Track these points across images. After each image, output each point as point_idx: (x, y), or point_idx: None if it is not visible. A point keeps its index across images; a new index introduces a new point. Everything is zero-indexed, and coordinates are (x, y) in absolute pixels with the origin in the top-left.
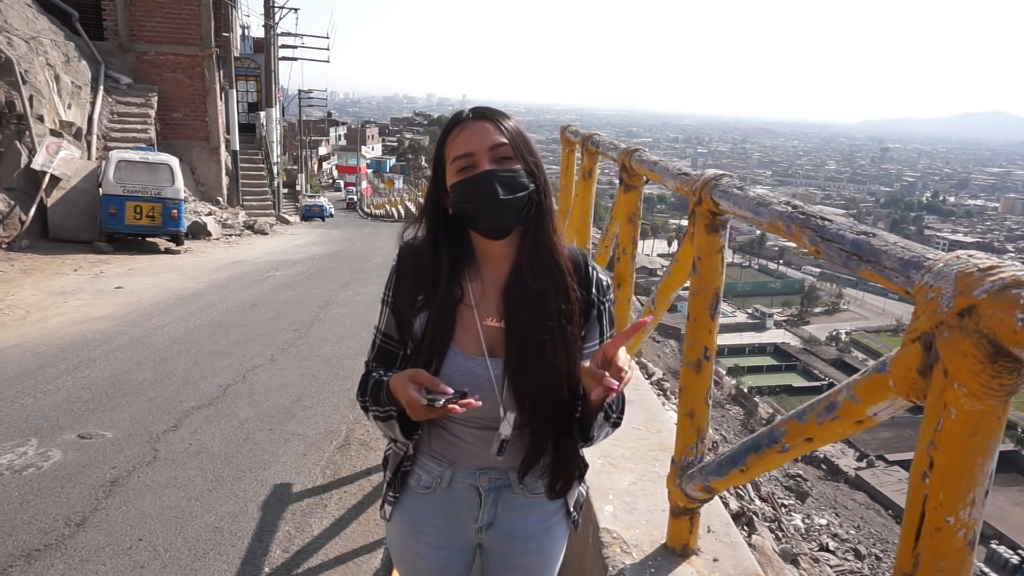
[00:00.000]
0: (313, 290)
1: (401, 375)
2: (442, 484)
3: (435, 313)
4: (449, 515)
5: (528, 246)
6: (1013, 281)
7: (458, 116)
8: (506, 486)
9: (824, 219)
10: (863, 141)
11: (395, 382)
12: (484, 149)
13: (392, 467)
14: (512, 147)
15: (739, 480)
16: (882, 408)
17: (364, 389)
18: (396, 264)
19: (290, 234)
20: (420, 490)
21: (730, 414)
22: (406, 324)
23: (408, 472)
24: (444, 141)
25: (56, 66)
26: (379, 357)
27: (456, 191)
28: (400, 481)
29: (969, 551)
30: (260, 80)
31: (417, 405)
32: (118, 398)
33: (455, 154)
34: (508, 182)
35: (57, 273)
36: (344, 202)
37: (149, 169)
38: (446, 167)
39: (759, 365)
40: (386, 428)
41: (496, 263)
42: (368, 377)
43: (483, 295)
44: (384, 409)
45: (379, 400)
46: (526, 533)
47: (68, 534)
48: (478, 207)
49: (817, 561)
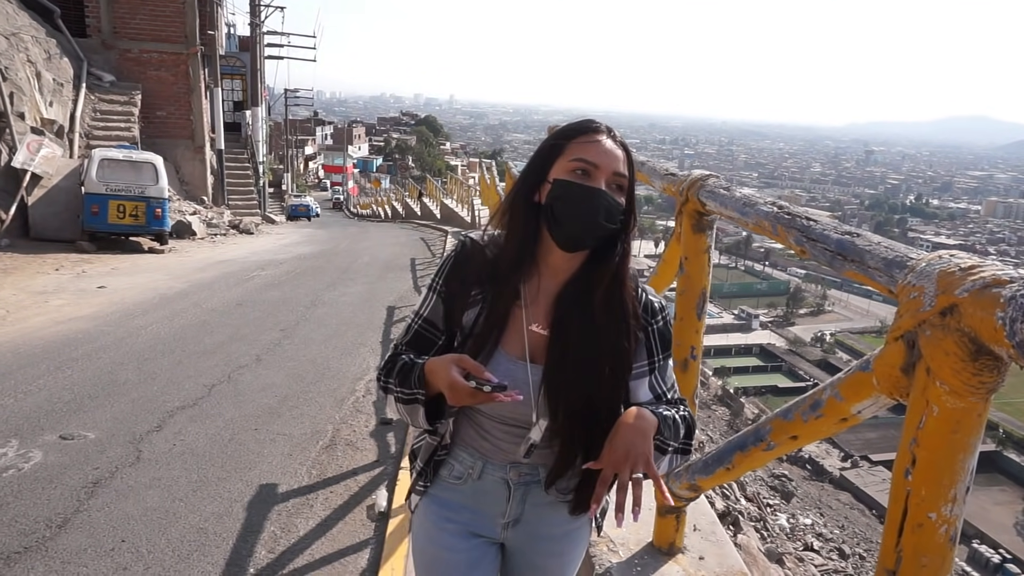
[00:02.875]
0: (299, 290)
1: (442, 359)
2: (473, 475)
3: (492, 310)
4: (478, 507)
5: (605, 275)
6: (993, 280)
7: (595, 125)
8: (536, 482)
9: (809, 219)
10: (848, 144)
11: (434, 365)
12: (609, 171)
13: (424, 456)
14: (628, 181)
15: (725, 478)
16: (866, 406)
17: (390, 369)
18: (456, 253)
19: (276, 234)
20: (452, 480)
21: (716, 414)
22: (454, 315)
23: (442, 462)
24: (571, 137)
25: (37, 63)
26: (414, 342)
27: (561, 188)
28: (433, 470)
29: (951, 547)
30: (246, 79)
31: (462, 388)
32: (100, 398)
33: (581, 156)
34: (610, 210)
35: (38, 272)
36: (330, 202)
37: (133, 168)
38: (558, 158)
39: (745, 366)
40: (406, 411)
41: (553, 272)
42: (396, 358)
43: (534, 300)
44: (411, 392)
45: (408, 382)
46: (550, 534)
47: (49, 536)
48: (574, 214)
49: (802, 560)
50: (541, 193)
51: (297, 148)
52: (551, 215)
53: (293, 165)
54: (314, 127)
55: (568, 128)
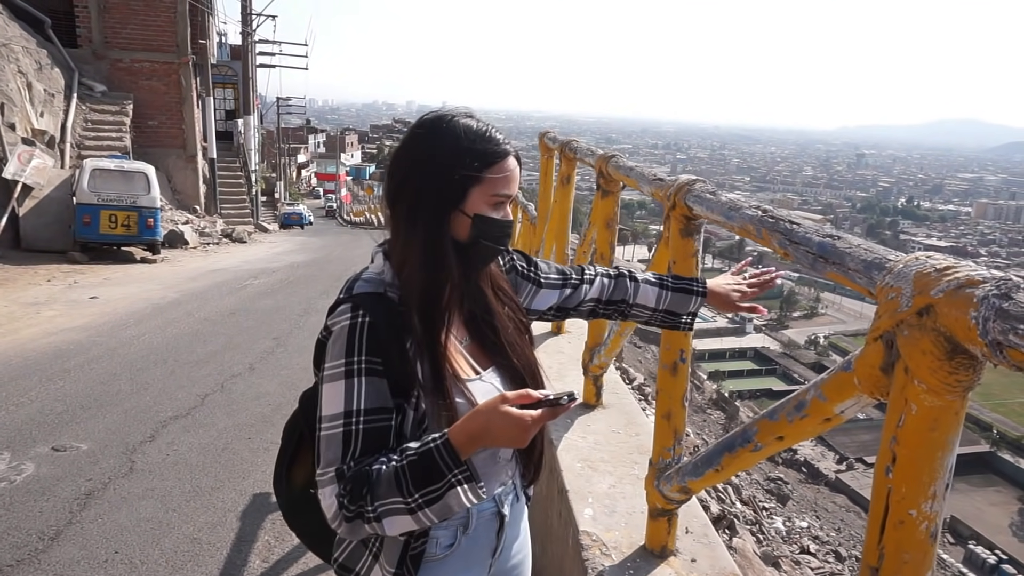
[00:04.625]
0: (292, 298)
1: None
2: (468, 530)
3: (433, 350)
4: (471, 563)
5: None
6: (968, 281)
7: (503, 147)
8: (515, 497)
9: (792, 223)
10: (839, 147)
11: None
12: (513, 196)
13: (393, 559)
14: None
15: (715, 480)
16: (848, 406)
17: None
18: (361, 319)
19: (269, 242)
20: (441, 553)
21: (711, 418)
22: (405, 381)
23: (421, 551)
24: (486, 165)
25: (28, 73)
26: (368, 447)
27: (489, 226)
28: (413, 567)
29: (931, 543)
30: (238, 87)
31: (538, 418)
32: (93, 409)
33: (500, 191)
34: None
35: (30, 283)
36: (323, 210)
37: (124, 177)
38: (474, 189)
39: (739, 369)
40: (437, 511)
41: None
42: (370, 475)
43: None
44: (444, 482)
45: (436, 474)
46: (521, 543)
47: (42, 548)
48: (494, 250)
49: (798, 563)
50: (454, 225)
51: (290, 156)
52: (472, 251)
53: (286, 173)
54: (307, 135)
55: (481, 154)
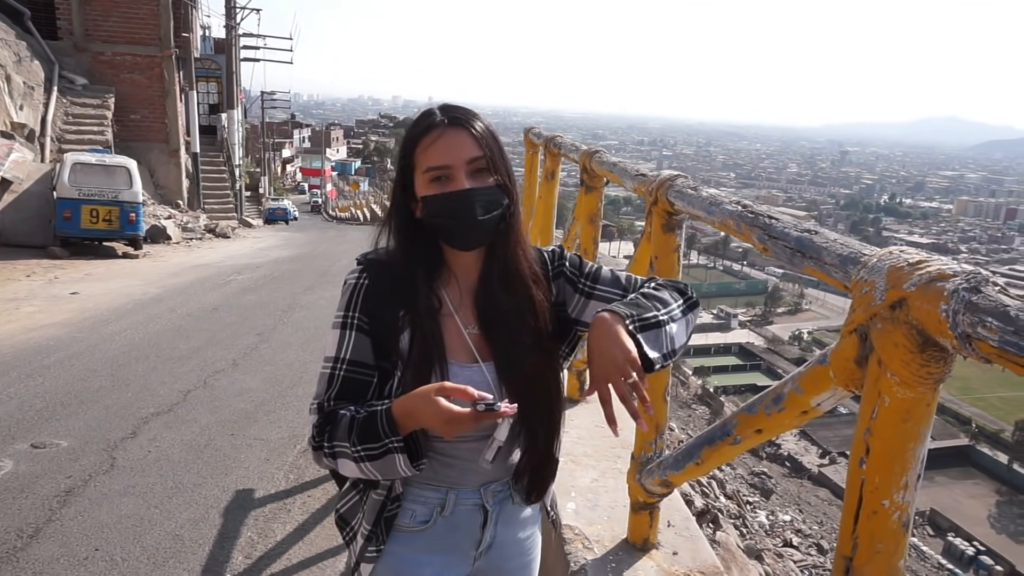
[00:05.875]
0: (276, 293)
1: (418, 395)
2: (444, 512)
3: (424, 325)
4: (449, 547)
5: (497, 261)
6: (939, 275)
7: (431, 120)
8: (507, 498)
9: (771, 218)
10: (824, 144)
11: (410, 405)
12: (461, 163)
13: (371, 517)
14: (487, 160)
15: (696, 473)
16: (824, 398)
17: (333, 432)
18: (363, 280)
19: (253, 237)
20: (416, 527)
21: (696, 413)
22: (386, 345)
23: (394, 514)
24: (414, 146)
25: (7, 66)
26: (344, 392)
27: (431, 204)
28: (385, 529)
29: (904, 532)
30: (221, 81)
31: (461, 416)
32: (73, 406)
33: (429, 164)
34: (486, 201)
35: (8, 279)
36: (308, 205)
37: (106, 172)
38: (415, 174)
39: (724, 365)
40: (377, 468)
41: (465, 271)
42: (336, 416)
43: (460, 303)
44: (380, 445)
45: (373, 435)
46: (520, 548)
47: (20, 546)
48: (455, 225)
49: (781, 556)
50: (418, 211)
51: (274, 151)
52: (438, 231)
53: (270, 168)
54: (291, 130)
55: (409, 137)
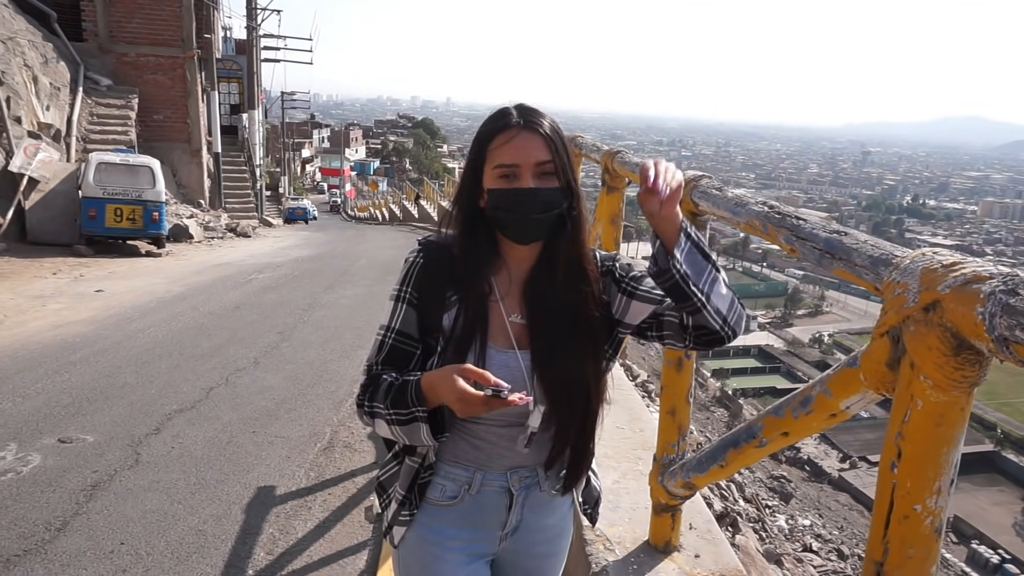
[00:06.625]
0: (296, 292)
1: (442, 371)
2: (471, 490)
3: (471, 308)
4: (476, 524)
5: (556, 258)
6: (974, 277)
7: (507, 119)
8: (535, 484)
9: (799, 218)
10: (844, 145)
11: (434, 379)
12: (530, 164)
13: (405, 482)
14: (554, 164)
15: (719, 476)
16: (854, 401)
17: (374, 393)
18: (418, 259)
19: (273, 237)
20: (445, 501)
21: (715, 416)
22: (431, 321)
23: (427, 484)
24: (488, 141)
25: (34, 67)
26: (390, 359)
27: (495, 197)
28: (418, 496)
29: (936, 538)
30: (242, 82)
31: (473, 398)
32: (99, 402)
33: (500, 162)
34: (545, 201)
35: (36, 277)
36: (327, 205)
37: (130, 171)
38: (485, 168)
39: (743, 367)
40: (403, 432)
41: (518, 262)
42: (378, 379)
43: (507, 291)
44: (408, 411)
45: (403, 402)
46: (546, 536)
47: (48, 539)
48: (513, 218)
49: (801, 561)
50: (483, 200)
51: (294, 151)
52: (495, 222)
53: (290, 168)
54: (311, 130)
55: (484, 132)
